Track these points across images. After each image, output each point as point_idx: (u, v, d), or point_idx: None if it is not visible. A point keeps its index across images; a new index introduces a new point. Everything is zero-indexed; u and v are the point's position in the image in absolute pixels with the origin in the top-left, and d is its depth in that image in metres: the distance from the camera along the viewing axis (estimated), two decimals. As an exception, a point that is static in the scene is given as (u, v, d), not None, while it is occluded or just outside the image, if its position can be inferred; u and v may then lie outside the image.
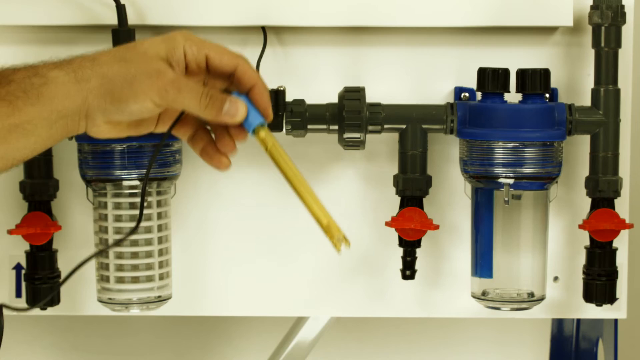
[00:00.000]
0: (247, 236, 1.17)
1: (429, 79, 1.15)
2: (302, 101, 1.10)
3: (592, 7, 1.09)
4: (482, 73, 1.07)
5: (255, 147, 1.15)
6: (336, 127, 1.10)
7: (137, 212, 1.08)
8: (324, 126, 1.10)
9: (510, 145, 1.05)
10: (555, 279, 1.17)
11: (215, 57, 0.97)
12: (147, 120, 0.98)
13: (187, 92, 0.94)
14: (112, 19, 1.08)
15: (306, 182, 0.97)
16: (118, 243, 1.07)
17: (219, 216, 1.17)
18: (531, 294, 1.09)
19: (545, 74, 1.06)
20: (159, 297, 1.10)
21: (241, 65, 0.97)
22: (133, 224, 1.08)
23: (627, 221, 1.11)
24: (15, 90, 0.93)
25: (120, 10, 1.08)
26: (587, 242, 1.11)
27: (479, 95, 1.09)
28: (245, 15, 1.10)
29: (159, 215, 1.09)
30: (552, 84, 1.09)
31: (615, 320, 1.29)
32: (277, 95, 1.09)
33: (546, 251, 1.10)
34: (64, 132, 0.95)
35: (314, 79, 1.15)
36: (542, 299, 1.10)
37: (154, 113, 0.95)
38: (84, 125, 0.95)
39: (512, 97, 1.08)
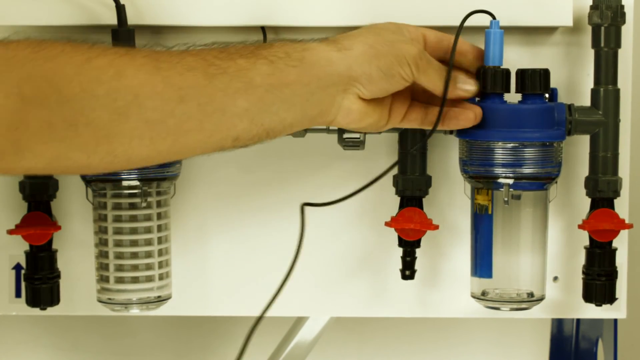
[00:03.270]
0: (247, 236, 1.17)
1: (428, 79, 1.15)
2: (301, 101, 1.10)
3: (591, 7, 1.09)
4: (483, 73, 1.07)
5: (256, 147, 1.15)
6: (336, 127, 1.10)
7: (136, 212, 1.08)
8: (324, 126, 1.10)
9: (510, 145, 1.05)
10: (555, 279, 1.17)
11: (431, 35, 1.02)
12: (384, 108, 1.00)
13: (433, 67, 0.98)
14: (112, 19, 1.08)
15: None
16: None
17: (219, 216, 1.17)
18: (531, 294, 1.09)
19: (545, 74, 1.06)
20: (159, 297, 1.10)
21: (447, 39, 1.02)
22: (133, 225, 1.08)
23: (626, 221, 1.11)
24: (277, 51, 0.93)
25: (120, 10, 1.08)
26: (587, 242, 1.11)
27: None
28: (245, 15, 1.10)
29: (159, 216, 1.09)
30: (552, 84, 1.09)
31: (615, 320, 1.29)
32: (277, 95, 1.09)
33: (546, 251, 1.10)
34: (318, 111, 0.95)
35: (313, 79, 1.14)
36: (541, 299, 1.10)
37: (404, 84, 0.97)
38: (339, 100, 0.95)
39: (512, 97, 1.08)
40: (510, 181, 1.06)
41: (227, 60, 0.92)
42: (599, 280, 1.10)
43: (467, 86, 1.02)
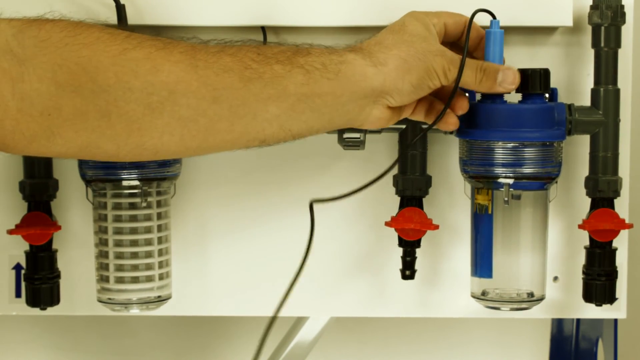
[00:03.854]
0: (247, 236, 1.17)
1: (428, 79, 1.15)
2: (301, 101, 1.10)
3: (591, 7, 1.09)
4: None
5: (256, 147, 1.15)
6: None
7: (136, 212, 1.08)
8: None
9: (510, 145, 1.05)
10: (555, 279, 1.17)
11: (450, 21, 1.02)
12: (409, 108, 1.02)
13: (465, 69, 0.98)
14: (112, 19, 1.08)
15: None
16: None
17: (219, 216, 1.17)
18: (531, 294, 1.09)
19: (545, 74, 1.06)
20: (159, 297, 1.10)
21: (464, 22, 1.03)
22: (133, 225, 1.08)
23: (626, 221, 1.11)
24: (314, 61, 0.94)
25: (120, 10, 1.08)
26: (587, 242, 1.11)
27: (478, 95, 1.09)
28: (245, 15, 1.10)
29: (159, 216, 1.09)
30: (552, 84, 1.09)
31: (615, 320, 1.29)
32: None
33: (546, 251, 1.10)
34: (346, 119, 0.97)
35: (313, 79, 1.14)
36: (541, 299, 1.10)
37: (430, 91, 0.98)
38: (369, 111, 0.97)
39: (512, 96, 1.08)
40: (511, 181, 1.06)
41: (264, 65, 0.92)
42: (599, 280, 1.10)
43: (509, 80, 1.02)
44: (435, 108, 1.03)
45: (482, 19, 1.04)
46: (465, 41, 1.01)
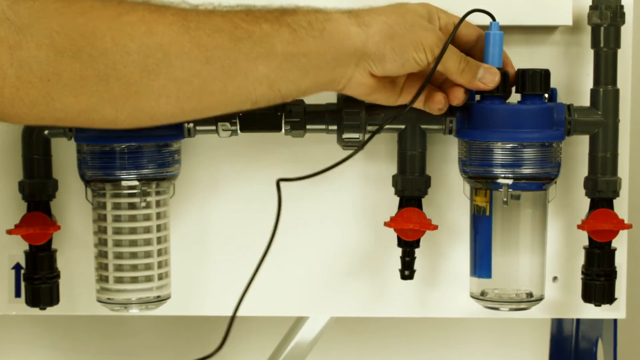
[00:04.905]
0: (247, 236, 1.17)
1: (428, 79, 1.15)
2: (301, 101, 1.10)
3: (591, 7, 1.09)
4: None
5: (255, 147, 1.15)
6: (335, 127, 1.10)
7: (135, 212, 1.08)
8: (323, 126, 1.10)
9: (509, 145, 1.05)
10: (554, 279, 1.17)
11: (462, 25, 1.02)
12: (396, 85, 1.02)
13: (450, 54, 0.99)
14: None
15: None
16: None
17: (218, 216, 1.17)
18: (530, 294, 1.09)
19: (545, 74, 1.06)
20: (158, 297, 1.10)
21: (483, 34, 1.04)
22: (132, 225, 1.08)
23: (625, 221, 1.11)
24: (301, 20, 0.95)
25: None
26: (586, 242, 1.11)
27: (478, 95, 1.09)
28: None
29: (158, 216, 1.09)
30: (552, 84, 1.09)
31: (615, 320, 1.29)
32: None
33: (545, 251, 1.10)
34: (328, 80, 0.98)
35: (313, 79, 1.14)
36: (540, 299, 1.10)
37: (417, 68, 0.99)
38: (350, 72, 0.98)
39: (512, 97, 1.08)
40: (510, 181, 1.06)
41: (253, 24, 0.93)
42: (598, 281, 1.10)
43: (487, 78, 1.03)
44: (435, 97, 1.03)
45: (482, 20, 1.04)
46: (454, 28, 1.02)
